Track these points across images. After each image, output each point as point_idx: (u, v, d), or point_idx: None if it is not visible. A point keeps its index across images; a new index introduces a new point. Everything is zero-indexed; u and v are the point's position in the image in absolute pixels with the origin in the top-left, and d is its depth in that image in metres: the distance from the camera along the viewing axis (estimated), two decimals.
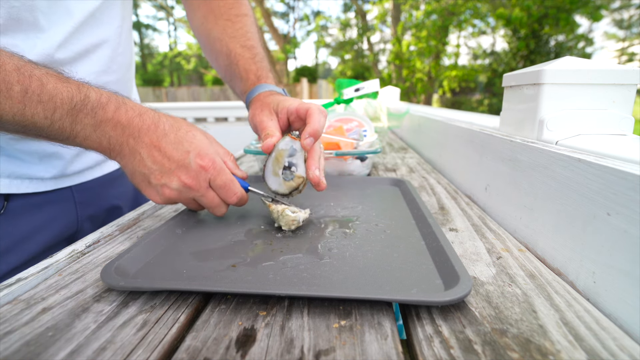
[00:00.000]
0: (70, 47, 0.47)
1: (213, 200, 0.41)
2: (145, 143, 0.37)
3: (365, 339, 0.24)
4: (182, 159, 0.38)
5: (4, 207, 0.47)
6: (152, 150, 0.37)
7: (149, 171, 0.37)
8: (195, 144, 0.39)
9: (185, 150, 0.38)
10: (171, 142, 0.38)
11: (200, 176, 0.39)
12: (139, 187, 0.39)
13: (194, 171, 0.38)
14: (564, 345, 0.23)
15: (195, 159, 0.38)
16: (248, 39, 0.58)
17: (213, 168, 0.39)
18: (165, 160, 0.37)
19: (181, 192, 0.38)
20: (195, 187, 0.39)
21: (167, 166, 0.37)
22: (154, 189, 0.38)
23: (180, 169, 0.38)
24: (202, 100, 7.30)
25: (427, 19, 10.03)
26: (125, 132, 0.36)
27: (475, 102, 11.21)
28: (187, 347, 0.24)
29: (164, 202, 0.39)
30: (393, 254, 0.35)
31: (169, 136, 0.38)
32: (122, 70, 0.57)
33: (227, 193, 0.41)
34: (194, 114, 2.79)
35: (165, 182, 0.38)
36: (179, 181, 0.38)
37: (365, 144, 0.69)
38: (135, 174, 0.38)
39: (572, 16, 8.57)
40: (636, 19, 9.89)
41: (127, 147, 0.37)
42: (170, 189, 0.38)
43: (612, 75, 0.42)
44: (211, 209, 0.41)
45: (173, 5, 14.41)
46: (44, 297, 0.29)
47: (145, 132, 0.37)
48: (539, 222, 0.39)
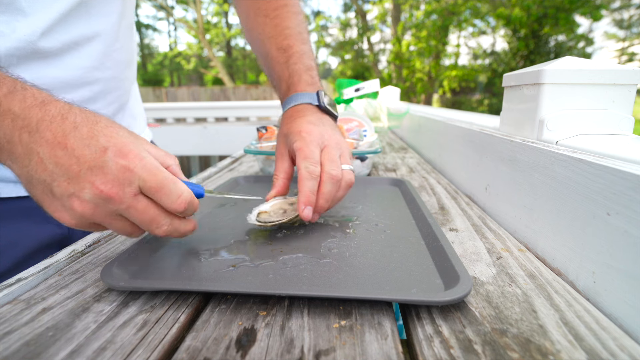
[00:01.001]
0: (56, 36, 0.43)
1: (146, 212, 0.29)
2: (45, 139, 0.27)
3: (365, 339, 0.24)
4: (96, 157, 0.27)
5: None
6: (56, 148, 0.27)
7: (51, 177, 0.27)
8: (115, 139, 0.29)
9: (101, 147, 0.28)
10: (82, 138, 0.28)
11: (123, 179, 0.28)
12: (40, 201, 0.29)
13: (113, 173, 0.28)
14: (564, 345, 0.23)
15: (115, 157, 0.28)
16: (285, 37, 0.53)
17: (142, 167, 0.29)
18: (73, 160, 0.27)
19: (97, 205, 0.28)
20: (117, 195, 0.28)
21: (75, 169, 0.27)
22: (60, 202, 0.28)
23: (94, 171, 0.27)
24: (202, 100, 7.30)
25: (427, 19, 10.03)
26: (17, 123, 0.27)
27: (475, 102, 11.21)
28: (187, 347, 0.24)
29: (75, 222, 0.29)
30: (393, 254, 0.35)
31: (80, 130, 0.28)
32: (118, 68, 0.54)
33: (168, 197, 0.30)
34: (194, 114, 2.80)
35: (73, 191, 0.27)
36: (92, 189, 0.27)
37: (365, 144, 0.69)
38: (32, 182, 0.28)
39: (571, 16, 8.57)
40: (636, 19, 9.89)
41: (19, 144, 0.27)
42: (81, 200, 0.27)
43: (612, 75, 0.42)
44: (144, 225, 0.30)
45: (173, 5, 14.41)
46: (44, 297, 0.29)
47: (47, 125, 0.27)
48: (539, 222, 0.39)
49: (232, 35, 14.16)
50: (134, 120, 0.63)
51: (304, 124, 0.44)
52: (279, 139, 0.47)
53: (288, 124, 0.46)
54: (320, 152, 0.42)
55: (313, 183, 0.39)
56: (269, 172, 0.72)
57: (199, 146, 2.40)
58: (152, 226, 0.30)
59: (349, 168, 0.42)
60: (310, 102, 0.48)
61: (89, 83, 0.49)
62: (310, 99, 0.48)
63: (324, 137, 0.43)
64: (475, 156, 0.58)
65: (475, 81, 11.17)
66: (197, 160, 2.73)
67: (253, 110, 2.84)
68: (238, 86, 7.31)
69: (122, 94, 0.56)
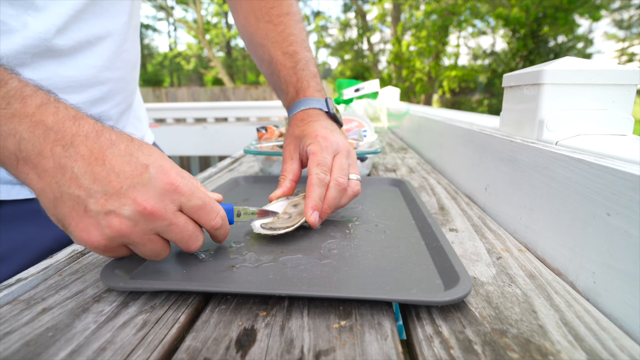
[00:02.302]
0: (71, 35, 0.43)
1: (186, 229, 0.29)
2: (81, 155, 0.26)
3: (365, 339, 0.24)
4: (138, 174, 0.27)
5: None
6: (93, 164, 0.26)
7: (87, 193, 0.26)
8: (154, 157, 0.29)
9: (142, 164, 0.27)
10: (121, 154, 0.27)
11: (166, 196, 0.28)
12: (67, 220, 0.26)
13: (156, 190, 0.27)
14: (564, 345, 0.23)
15: (157, 174, 0.27)
16: (290, 43, 0.54)
17: (184, 185, 0.29)
18: (113, 176, 0.26)
19: (136, 223, 0.27)
20: (160, 212, 0.27)
21: (116, 185, 0.26)
22: (94, 220, 0.26)
23: (136, 187, 0.27)
24: (202, 100, 7.30)
25: (427, 19, 10.04)
26: (50, 136, 0.26)
27: (475, 102, 11.22)
28: (187, 347, 0.24)
29: (105, 242, 0.27)
30: (393, 254, 0.35)
31: (117, 146, 0.28)
32: (126, 69, 0.54)
33: (208, 214, 0.30)
34: (194, 114, 2.80)
35: (113, 207, 0.26)
36: (134, 205, 0.26)
37: (365, 144, 0.69)
38: (62, 199, 0.26)
39: (570, 16, 8.58)
40: (636, 19, 9.90)
41: (51, 158, 0.26)
42: (120, 218, 0.26)
43: (612, 76, 0.42)
44: (183, 242, 0.30)
45: (173, 6, 14.41)
46: (44, 298, 0.29)
47: (82, 140, 0.26)
48: (539, 222, 0.39)
49: (232, 36, 14.17)
50: (139, 121, 0.63)
51: (319, 128, 0.45)
52: (288, 140, 0.47)
53: (301, 126, 0.46)
54: (332, 159, 0.42)
55: (322, 190, 0.40)
56: (268, 172, 0.72)
57: (199, 146, 2.40)
58: (190, 242, 0.30)
59: (357, 178, 0.43)
60: (321, 108, 0.49)
61: (99, 83, 0.49)
62: (320, 104, 0.49)
63: (338, 144, 0.44)
64: (475, 156, 0.58)
65: (475, 81, 11.17)
66: (197, 160, 2.73)
67: (253, 110, 2.84)
68: (238, 86, 7.31)
69: (128, 95, 0.57)
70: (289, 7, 0.57)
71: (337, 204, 0.41)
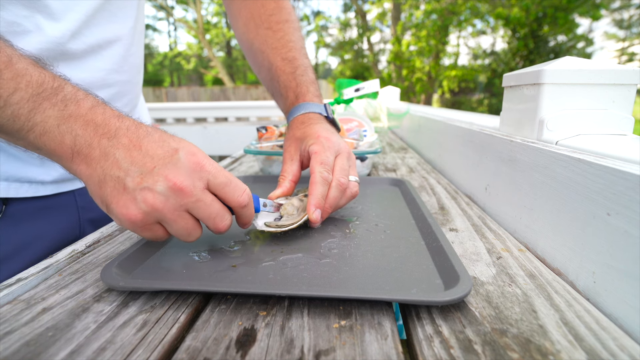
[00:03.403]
0: (83, 39, 0.46)
1: (213, 205, 0.32)
2: (122, 144, 0.30)
3: (365, 339, 0.24)
4: (169, 155, 0.31)
5: (3, 212, 0.45)
6: (131, 150, 0.30)
7: (125, 173, 0.29)
8: (184, 143, 0.32)
9: (172, 148, 0.31)
10: (155, 141, 0.31)
11: (194, 174, 0.31)
12: (109, 198, 0.30)
13: (185, 169, 0.30)
14: (564, 345, 0.23)
15: (186, 156, 0.31)
16: (289, 49, 0.56)
17: (210, 165, 0.32)
18: (148, 158, 0.30)
19: (168, 198, 0.30)
20: (189, 189, 0.30)
21: (150, 165, 0.30)
22: (131, 196, 0.29)
23: (168, 166, 0.30)
24: (202, 100, 7.30)
25: (427, 19, 10.04)
26: (99, 131, 0.30)
27: (475, 102, 11.22)
28: (187, 347, 0.24)
29: (142, 216, 0.30)
30: (393, 254, 0.35)
31: (152, 135, 0.32)
32: (132, 72, 0.56)
33: (235, 190, 0.33)
34: (194, 114, 2.79)
35: (147, 184, 0.29)
36: (165, 181, 0.29)
37: (365, 144, 0.69)
38: (105, 180, 0.30)
39: (570, 15, 8.58)
40: (636, 19, 9.89)
41: (98, 148, 0.30)
42: (154, 193, 0.29)
43: (612, 75, 0.42)
44: (210, 219, 0.32)
45: (173, 6, 14.40)
46: (44, 297, 0.29)
47: (124, 133, 0.31)
48: (539, 222, 0.39)
49: (232, 36, 14.14)
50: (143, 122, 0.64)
51: (321, 130, 0.46)
52: (289, 142, 0.48)
53: (302, 128, 0.48)
54: (334, 159, 0.43)
55: (325, 189, 0.41)
56: (268, 172, 0.72)
57: (199, 146, 2.37)
58: (217, 220, 0.32)
59: (355, 180, 0.43)
60: (320, 112, 0.50)
61: (108, 85, 0.51)
62: (320, 109, 0.51)
63: (340, 146, 0.45)
64: (475, 156, 0.58)
65: (475, 81, 11.17)
66: None
67: (253, 110, 2.83)
68: (238, 86, 7.31)
69: (133, 97, 0.59)
70: (288, 15, 0.59)
71: (337, 204, 0.42)
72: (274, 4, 0.59)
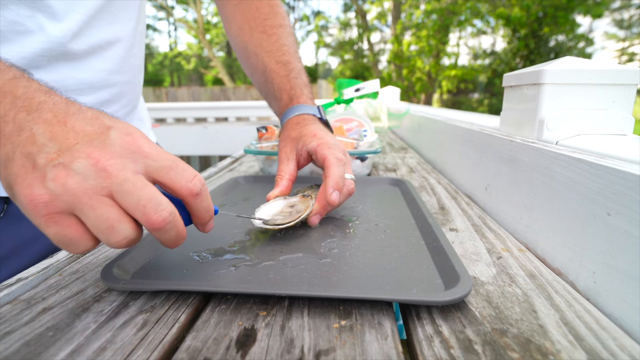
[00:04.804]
0: (84, 40, 0.46)
1: (144, 189, 0.24)
2: (44, 119, 0.24)
3: (366, 339, 0.24)
4: (99, 132, 0.25)
5: (4, 211, 0.45)
6: (54, 125, 0.24)
7: (39, 149, 0.23)
8: (121, 123, 0.26)
9: (105, 125, 0.25)
10: (86, 118, 0.25)
11: (127, 156, 0.25)
12: (13, 178, 0.23)
13: (115, 147, 0.24)
14: (564, 345, 0.23)
15: (120, 134, 0.25)
16: (283, 53, 0.56)
17: (150, 146, 0.26)
18: (71, 134, 0.24)
19: (87, 178, 0.23)
20: (114, 167, 0.24)
21: (72, 141, 0.24)
22: (40, 173, 0.23)
23: (93, 143, 0.24)
24: (202, 100, 7.30)
25: (427, 19, 10.04)
26: (17, 104, 0.25)
27: (475, 102, 11.22)
28: (187, 347, 0.24)
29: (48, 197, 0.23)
30: (393, 253, 0.35)
31: (84, 113, 0.26)
32: (133, 72, 0.56)
33: (182, 175, 0.26)
34: (194, 114, 2.80)
35: (62, 161, 0.23)
36: (87, 159, 0.23)
37: (366, 144, 0.69)
38: (13, 159, 0.24)
39: (570, 15, 8.58)
40: (636, 19, 9.89)
41: (12, 122, 0.24)
42: (68, 170, 0.23)
43: (612, 75, 0.42)
44: (141, 207, 0.24)
45: (173, 5, 14.40)
46: (44, 297, 0.29)
47: (50, 107, 0.25)
48: (539, 222, 0.39)
49: None
50: (142, 122, 0.65)
51: (317, 130, 0.47)
52: (284, 143, 0.49)
53: (297, 129, 0.48)
54: None
55: (342, 170, 0.41)
56: (269, 172, 0.72)
57: (199, 146, 2.40)
58: (149, 207, 0.24)
59: (351, 177, 0.44)
60: (314, 114, 0.51)
61: (108, 86, 0.51)
62: (313, 111, 0.52)
63: (336, 144, 0.46)
64: (475, 156, 0.58)
65: (475, 81, 11.17)
66: (197, 160, 2.72)
67: (253, 110, 2.83)
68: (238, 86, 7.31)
69: (134, 98, 0.59)
70: (282, 20, 0.60)
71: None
72: (269, 8, 0.60)
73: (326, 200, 0.40)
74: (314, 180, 0.61)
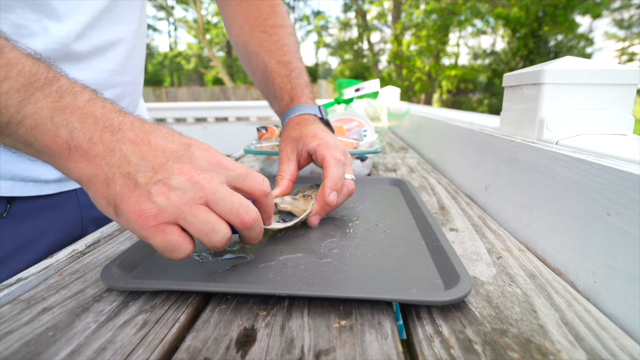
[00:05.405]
0: (88, 40, 0.46)
1: (234, 196, 0.28)
2: (129, 138, 0.27)
3: (366, 339, 0.24)
4: (182, 150, 0.29)
5: (7, 211, 0.46)
6: (140, 144, 0.28)
7: (136, 169, 0.27)
8: (194, 139, 0.31)
9: (184, 142, 0.29)
10: (164, 136, 0.29)
11: (211, 169, 0.29)
12: (118, 197, 0.26)
13: (201, 162, 0.28)
14: (564, 345, 0.23)
15: (200, 150, 0.29)
16: (284, 53, 0.56)
17: (226, 159, 0.30)
18: (159, 152, 0.28)
19: (186, 191, 0.27)
20: (205, 180, 0.28)
21: (162, 160, 0.27)
22: (144, 190, 0.26)
23: (182, 159, 0.28)
24: (202, 100, 7.30)
25: (427, 19, 10.04)
26: (99, 124, 0.27)
27: (475, 102, 11.22)
28: (187, 347, 0.24)
29: (156, 211, 0.26)
30: (393, 253, 0.35)
31: (160, 130, 0.29)
32: (134, 73, 0.57)
33: (256, 179, 0.31)
34: (194, 114, 2.80)
35: (161, 178, 0.27)
36: (181, 174, 0.27)
37: (366, 144, 0.69)
38: (114, 178, 0.26)
39: (570, 14, 8.58)
40: (636, 19, 9.89)
41: (100, 143, 0.27)
42: (169, 187, 0.26)
43: (612, 75, 0.42)
44: (235, 211, 0.28)
45: (173, 5, 14.40)
46: (44, 297, 0.29)
47: (129, 127, 0.28)
48: (539, 222, 0.39)
49: None
50: None
51: (317, 130, 0.47)
52: (285, 143, 0.49)
53: (298, 129, 0.48)
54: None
55: (340, 170, 0.41)
56: (269, 172, 0.72)
57: None
58: (241, 211, 0.28)
59: (351, 178, 0.44)
60: (315, 114, 0.51)
61: (111, 86, 0.52)
62: (314, 111, 0.52)
63: (337, 144, 0.46)
64: (476, 156, 0.58)
65: (475, 81, 11.17)
66: None
67: (253, 110, 2.83)
68: (238, 86, 7.31)
69: (135, 98, 0.60)
70: (283, 20, 0.60)
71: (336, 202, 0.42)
72: (269, 8, 0.60)
73: (324, 200, 0.40)
74: (314, 180, 0.61)
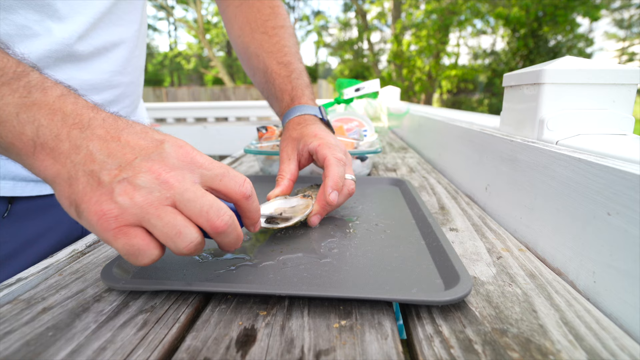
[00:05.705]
0: (90, 41, 0.47)
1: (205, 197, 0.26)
2: (97, 135, 0.26)
3: (366, 339, 0.24)
4: (153, 146, 0.26)
5: (8, 210, 0.46)
6: (108, 141, 0.26)
7: (100, 167, 0.25)
8: (170, 136, 0.28)
9: (157, 139, 0.27)
10: (136, 132, 0.27)
11: (184, 167, 0.26)
12: (79, 196, 0.24)
13: (172, 160, 0.26)
14: (564, 345, 0.23)
15: (173, 147, 0.27)
16: (285, 54, 0.57)
17: (202, 157, 0.28)
18: (128, 149, 0.26)
19: (152, 191, 0.25)
20: (175, 179, 0.25)
21: (130, 157, 0.25)
22: (107, 189, 0.24)
23: (151, 157, 0.26)
24: (202, 100, 7.30)
25: (427, 19, 10.04)
26: (68, 121, 0.25)
27: (475, 102, 11.22)
28: (187, 347, 0.24)
29: (118, 211, 0.24)
30: (393, 253, 0.35)
31: (133, 127, 0.27)
32: (135, 73, 0.57)
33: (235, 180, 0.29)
34: (194, 114, 2.79)
35: (126, 175, 0.25)
36: (149, 173, 0.25)
37: (366, 144, 0.69)
38: (76, 176, 0.25)
39: (570, 15, 8.58)
40: (636, 18, 9.89)
41: (67, 140, 0.25)
42: (134, 185, 0.24)
43: (612, 75, 0.42)
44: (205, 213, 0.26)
45: (173, 5, 14.40)
46: (44, 297, 0.29)
47: (100, 123, 0.26)
48: (539, 222, 0.39)
49: None
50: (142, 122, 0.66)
51: (318, 130, 0.47)
52: (285, 143, 0.49)
53: (298, 129, 0.49)
54: None
55: (341, 169, 0.41)
56: (269, 172, 0.72)
57: (199, 146, 2.40)
58: (212, 213, 0.26)
59: (352, 178, 0.44)
60: (316, 114, 0.52)
61: (112, 86, 0.52)
62: (315, 112, 0.52)
63: (337, 144, 0.46)
64: (476, 156, 0.58)
65: (475, 81, 11.18)
66: None
67: (253, 110, 2.83)
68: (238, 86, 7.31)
69: (135, 98, 0.60)
70: (283, 21, 0.60)
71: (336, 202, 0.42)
72: (270, 9, 0.60)
73: (325, 200, 0.40)
74: (314, 180, 0.61)
